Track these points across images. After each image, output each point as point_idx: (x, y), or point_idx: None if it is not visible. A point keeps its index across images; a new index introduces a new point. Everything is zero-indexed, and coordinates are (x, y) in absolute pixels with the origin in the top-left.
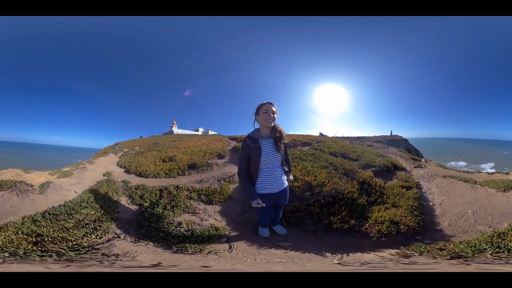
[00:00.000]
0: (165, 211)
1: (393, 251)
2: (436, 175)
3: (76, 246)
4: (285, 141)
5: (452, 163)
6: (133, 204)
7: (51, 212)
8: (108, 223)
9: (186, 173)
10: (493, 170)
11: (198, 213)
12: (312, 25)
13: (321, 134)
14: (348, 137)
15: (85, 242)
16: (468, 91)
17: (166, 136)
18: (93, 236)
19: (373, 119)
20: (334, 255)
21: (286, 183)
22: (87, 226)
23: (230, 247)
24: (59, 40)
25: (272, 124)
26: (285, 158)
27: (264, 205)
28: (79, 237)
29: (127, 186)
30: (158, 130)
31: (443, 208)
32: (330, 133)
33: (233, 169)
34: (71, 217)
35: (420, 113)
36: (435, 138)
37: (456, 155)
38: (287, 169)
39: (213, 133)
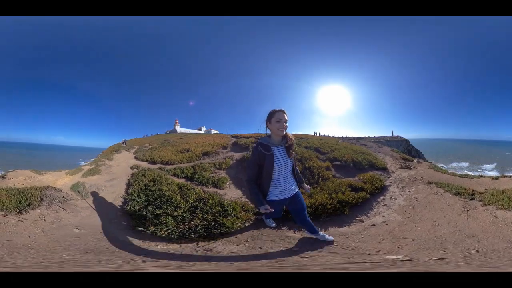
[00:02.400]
0: (203, 172)
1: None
2: (421, 179)
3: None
4: (295, 148)
5: (454, 164)
6: (180, 178)
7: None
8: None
9: (201, 158)
10: (495, 172)
11: (216, 173)
12: (314, 25)
13: (315, 133)
14: (345, 137)
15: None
16: (470, 92)
17: (172, 135)
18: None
19: (377, 120)
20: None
21: (297, 188)
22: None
23: (229, 186)
24: (63, 42)
25: (284, 133)
26: (294, 164)
27: (273, 210)
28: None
29: (166, 170)
30: (158, 129)
31: (370, 245)
32: (331, 133)
33: (233, 154)
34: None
35: (423, 114)
36: (438, 139)
37: (458, 156)
38: (296, 177)
39: (215, 132)
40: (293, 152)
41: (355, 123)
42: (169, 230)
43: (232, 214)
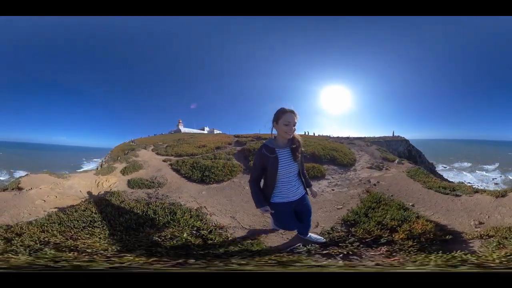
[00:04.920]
0: (221, 155)
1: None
2: (374, 185)
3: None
4: (302, 150)
5: (456, 164)
6: (207, 160)
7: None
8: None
9: (215, 150)
10: (497, 172)
11: (227, 156)
12: (316, 26)
13: (306, 133)
14: (340, 137)
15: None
16: (472, 92)
17: (181, 134)
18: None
19: (379, 120)
20: None
21: (304, 191)
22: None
23: (234, 160)
24: (65, 41)
25: (291, 136)
26: (301, 167)
27: (273, 211)
28: None
29: (196, 158)
30: (160, 129)
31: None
32: (332, 134)
33: (236, 147)
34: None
35: (426, 115)
36: (442, 139)
37: (460, 156)
38: (304, 180)
39: (218, 131)
40: (299, 155)
41: (357, 123)
42: (220, 176)
43: (236, 167)
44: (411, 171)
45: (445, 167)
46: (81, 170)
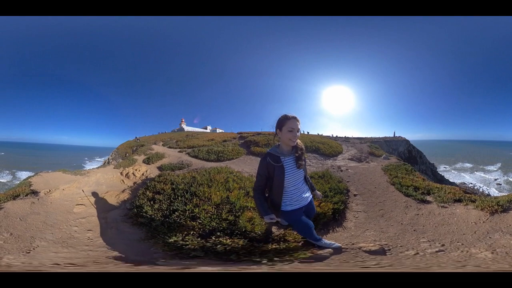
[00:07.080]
0: (228, 144)
1: None
2: (341, 170)
3: None
4: (305, 157)
5: (458, 165)
6: (218, 147)
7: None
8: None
9: (224, 143)
10: (498, 172)
11: (234, 146)
12: (317, 26)
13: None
14: (339, 137)
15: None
16: (475, 93)
17: (184, 133)
18: None
19: (382, 121)
20: None
21: (311, 196)
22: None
23: (238, 146)
24: (68, 43)
25: (295, 143)
26: (305, 172)
27: (278, 219)
28: None
29: (209, 147)
30: (160, 128)
31: None
32: (334, 134)
33: (240, 141)
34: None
35: (430, 116)
36: (444, 140)
37: (462, 157)
38: (309, 184)
39: (220, 130)
40: (303, 162)
41: (360, 124)
42: (231, 155)
43: (241, 150)
44: (389, 166)
45: (446, 168)
46: (84, 169)
